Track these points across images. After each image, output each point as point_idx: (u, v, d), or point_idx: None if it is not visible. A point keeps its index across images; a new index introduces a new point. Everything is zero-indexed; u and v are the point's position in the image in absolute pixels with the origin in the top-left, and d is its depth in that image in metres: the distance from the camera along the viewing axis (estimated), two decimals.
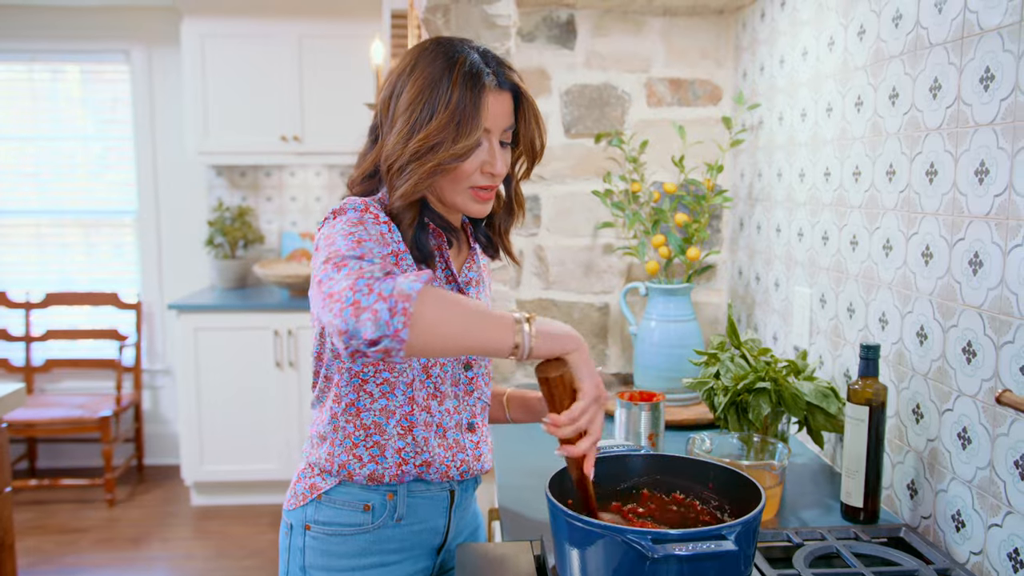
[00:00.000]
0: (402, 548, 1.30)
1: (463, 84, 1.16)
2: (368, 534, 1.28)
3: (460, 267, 1.33)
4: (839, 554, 1.22)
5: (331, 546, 1.28)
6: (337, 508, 1.28)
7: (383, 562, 1.29)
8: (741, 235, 2.26)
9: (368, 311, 0.95)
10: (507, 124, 1.23)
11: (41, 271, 4.54)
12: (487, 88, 1.18)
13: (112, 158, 4.55)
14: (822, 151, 1.73)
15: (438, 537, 1.34)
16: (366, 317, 0.95)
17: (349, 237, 1.08)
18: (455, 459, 1.31)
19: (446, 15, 1.99)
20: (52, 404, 4.04)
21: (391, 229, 1.19)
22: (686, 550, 0.90)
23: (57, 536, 3.70)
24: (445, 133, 1.15)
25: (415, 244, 1.21)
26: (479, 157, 1.20)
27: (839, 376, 1.66)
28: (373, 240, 1.10)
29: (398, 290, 0.96)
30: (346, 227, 1.11)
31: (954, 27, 1.25)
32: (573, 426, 1.05)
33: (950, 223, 1.27)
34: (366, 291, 0.97)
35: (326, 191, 4.53)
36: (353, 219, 1.13)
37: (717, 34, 2.29)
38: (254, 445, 3.95)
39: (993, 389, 1.17)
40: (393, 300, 0.95)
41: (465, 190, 1.22)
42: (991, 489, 1.18)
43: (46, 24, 4.33)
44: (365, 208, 1.17)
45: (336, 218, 1.15)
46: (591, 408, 1.06)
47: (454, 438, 1.31)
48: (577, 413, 1.05)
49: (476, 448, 1.35)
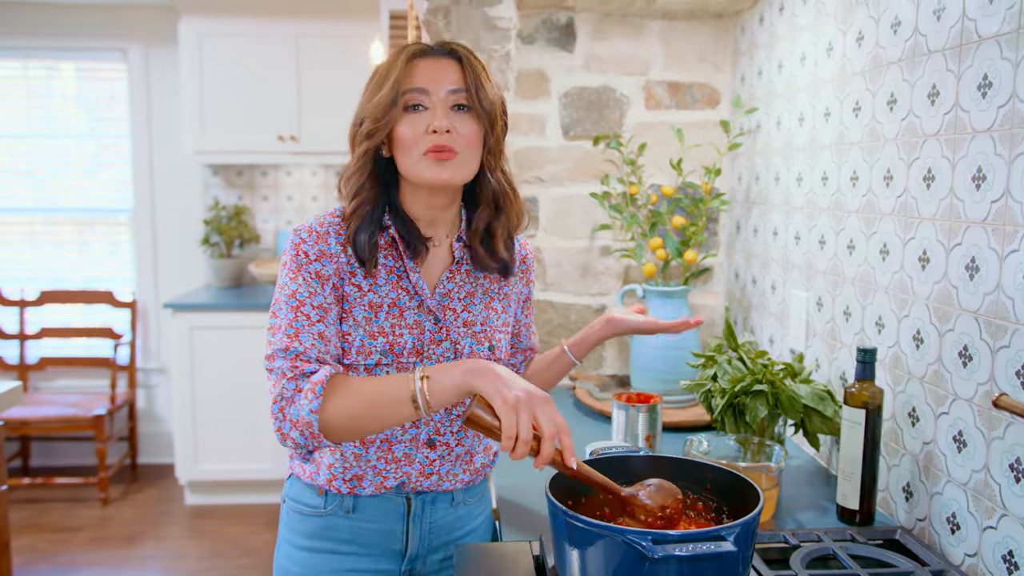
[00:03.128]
0: (354, 541, 1.32)
1: (392, 56, 1.25)
2: (321, 518, 1.32)
3: (435, 278, 1.31)
4: (835, 556, 1.23)
5: (294, 522, 1.35)
6: (302, 487, 1.34)
7: (335, 550, 1.32)
8: (738, 238, 2.27)
9: (289, 439, 1.15)
10: (451, 86, 1.23)
11: (36, 269, 4.52)
12: (412, 52, 1.24)
13: (108, 156, 4.54)
14: (820, 156, 1.74)
15: (397, 542, 1.33)
16: (289, 444, 1.16)
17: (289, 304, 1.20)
18: (397, 471, 1.30)
19: (447, 17, 2.00)
20: (46, 402, 4.03)
21: (331, 254, 1.23)
22: (686, 551, 0.91)
23: (51, 535, 3.69)
24: (370, 103, 1.24)
25: (353, 247, 1.24)
26: (423, 121, 1.22)
27: (835, 379, 1.67)
28: (309, 294, 1.21)
29: (301, 418, 1.13)
30: (288, 280, 1.22)
31: (952, 34, 1.27)
32: (520, 441, 1.04)
33: (947, 228, 1.28)
34: (281, 417, 1.15)
35: (322, 191, 4.53)
36: (292, 267, 1.22)
37: (716, 38, 2.30)
38: (248, 444, 3.95)
39: (989, 393, 1.18)
40: (300, 426, 1.13)
41: (420, 159, 1.22)
42: (986, 492, 1.19)
43: (43, 21, 4.32)
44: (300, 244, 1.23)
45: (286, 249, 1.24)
46: (520, 416, 1.04)
47: (404, 452, 1.30)
48: (509, 430, 1.04)
49: (430, 465, 1.31)
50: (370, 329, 1.24)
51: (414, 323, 1.27)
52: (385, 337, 1.24)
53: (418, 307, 1.28)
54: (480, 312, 1.34)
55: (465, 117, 1.24)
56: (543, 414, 1.05)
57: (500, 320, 1.37)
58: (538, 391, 1.08)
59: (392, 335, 1.25)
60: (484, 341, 1.32)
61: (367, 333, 1.24)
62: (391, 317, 1.26)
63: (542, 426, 1.05)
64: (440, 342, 1.29)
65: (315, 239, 1.23)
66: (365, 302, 1.25)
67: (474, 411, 1.07)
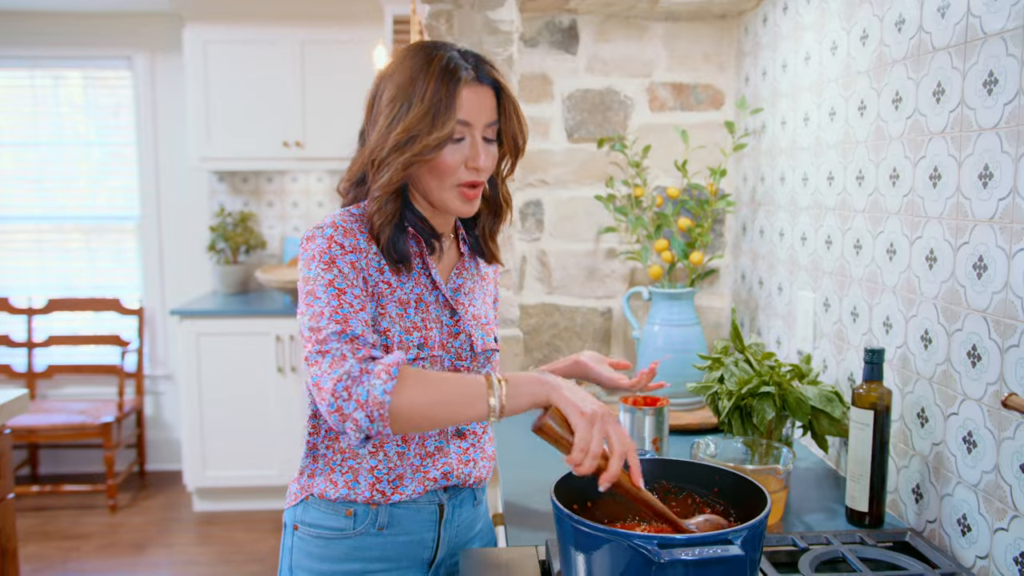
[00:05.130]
0: (385, 557, 1.29)
1: (439, 77, 1.20)
2: (350, 540, 1.28)
3: (447, 274, 1.33)
4: (844, 558, 1.22)
5: (315, 548, 1.29)
6: (322, 511, 1.29)
7: (365, 570, 1.29)
8: (744, 239, 2.26)
9: (351, 419, 1.09)
10: (489, 119, 1.24)
11: (43, 277, 4.54)
12: (463, 80, 1.21)
13: (114, 164, 4.55)
14: (825, 155, 1.73)
15: (427, 551, 1.32)
16: (350, 425, 1.09)
17: (329, 292, 1.17)
18: (436, 465, 1.29)
19: (449, 21, 2.00)
20: (54, 410, 4.04)
21: (361, 248, 1.22)
22: (692, 555, 0.90)
23: (59, 542, 3.69)
24: (422, 124, 1.18)
25: (390, 248, 1.24)
26: (461, 152, 1.22)
27: (843, 380, 1.66)
28: (348, 284, 1.18)
29: (372, 398, 1.08)
30: (321, 271, 1.18)
31: (957, 32, 1.26)
32: (588, 456, 1.05)
33: (954, 227, 1.27)
34: (346, 396, 1.09)
35: (328, 196, 4.53)
36: (325, 259, 1.19)
37: (719, 39, 2.29)
38: (256, 451, 3.95)
39: (998, 393, 1.16)
40: (369, 407, 1.08)
41: (451, 188, 1.24)
42: (997, 493, 1.17)
43: (49, 31, 4.34)
44: (332, 236, 1.21)
45: (311, 243, 1.21)
46: (592, 432, 1.06)
47: (436, 446, 1.29)
48: (583, 444, 1.06)
49: (464, 454, 1.33)
50: (404, 324, 1.24)
51: (436, 317, 1.29)
52: (419, 331, 1.25)
53: (436, 301, 1.30)
54: (482, 305, 1.37)
55: (492, 148, 1.26)
56: (614, 432, 1.07)
57: (492, 313, 1.42)
58: (608, 409, 1.10)
59: (424, 329, 1.26)
60: (490, 333, 1.36)
61: (403, 329, 1.24)
62: (420, 312, 1.27)
63: (613, 444, 1.07)
64: (457, 335, 1.31)
65: (343, 234, 1.22)
66: (395, 298, 1.25)
67: (546, 421, 1.08)
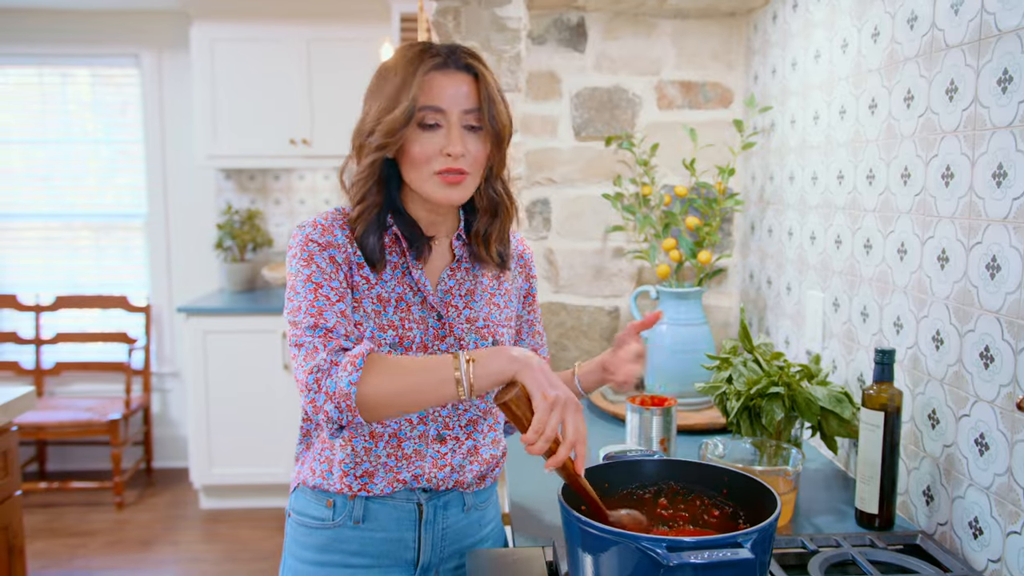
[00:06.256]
0: (364, 552, 1.30)
1: (405, 64, 1.21)
2: (329, 530, 1.30)
3: (438, 276, 1.31)
4: (855, 561, 1.21)
5: (300, 536, 1.33)
6: (308, 499, 1.32)
7: (345, 563, 1.30)
8: (752, 238, 2.24)
9: (322, 411, 1.12)
10: (466, 106, 1.22)
11: (51, 274, 4.55)
12: (426, 64, 1.21)
13: (121, 161, 4.56)
14: (835, 154, 1.72)
15: (408, 552, 1.32)
16: (322, 417, 1.12)
17: (307, 287, 1.19)
18: (410, 466, 1.29)
19: (456, 18, 1.99)
20: (61, 407, 4.05)
21: (339, 244, 1.23)
22: (701, 558, 0.89)
23: (66, 539, 3.70)
24: (384, 111, 1.20)
25: (362, 248, 1.24)
26: (435, 140, 1.21)
27: (853, 381, 1.64)
28: (326, 278, 1.20)
29: (339, 389, 1.11)
30: (301, 267, 1.21)
31: (971, 29, 1.24)
32: (542, 438, 1.06)
33: (967, 227, 1.26)
34: (316, 388, 1.12)
35: (335, 194, 4.53)
36: (304, 256, 1.21)
37: (728, 37, 2.28)
38: (263, 448, 3.95)
39: (1011, 395, 1.15)
40: (337, 399, 1.11)
41: (430, 176, 1.22)
42: (1010, 496, 1.16)
43: (56, 28, 4.35)
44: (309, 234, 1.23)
45: (293, 241, 1.24)
46: (551, 416, 1.06)
47: (415, 448, 1.29)
48: (539, 426, 1.06)
49: (442, 459, 1.31)
50: (380, 322, 1.24)
51: (419, 318, 1.28)
52: (395, 330, 1.25)
53: (421, 303, 1.28)
54: (482, 308, 1.34)
55: (476, 136, 1.24)
56: (571, 420, 1.08)
57: (503, 315, 1.37)
58: (573, 396, 1.10)
59: (401, 328, 1.25)
60: (488, 336, 1.32)
61: (377, 326, 1.24)
62: (399, 312, 1.26)
63: (567, 431, 1.07)
64: (444, 338, 1.29)
65: (321, 231, 1.23)
66: (373, 295, 1.25)
67: (511, 398, 1.09)
